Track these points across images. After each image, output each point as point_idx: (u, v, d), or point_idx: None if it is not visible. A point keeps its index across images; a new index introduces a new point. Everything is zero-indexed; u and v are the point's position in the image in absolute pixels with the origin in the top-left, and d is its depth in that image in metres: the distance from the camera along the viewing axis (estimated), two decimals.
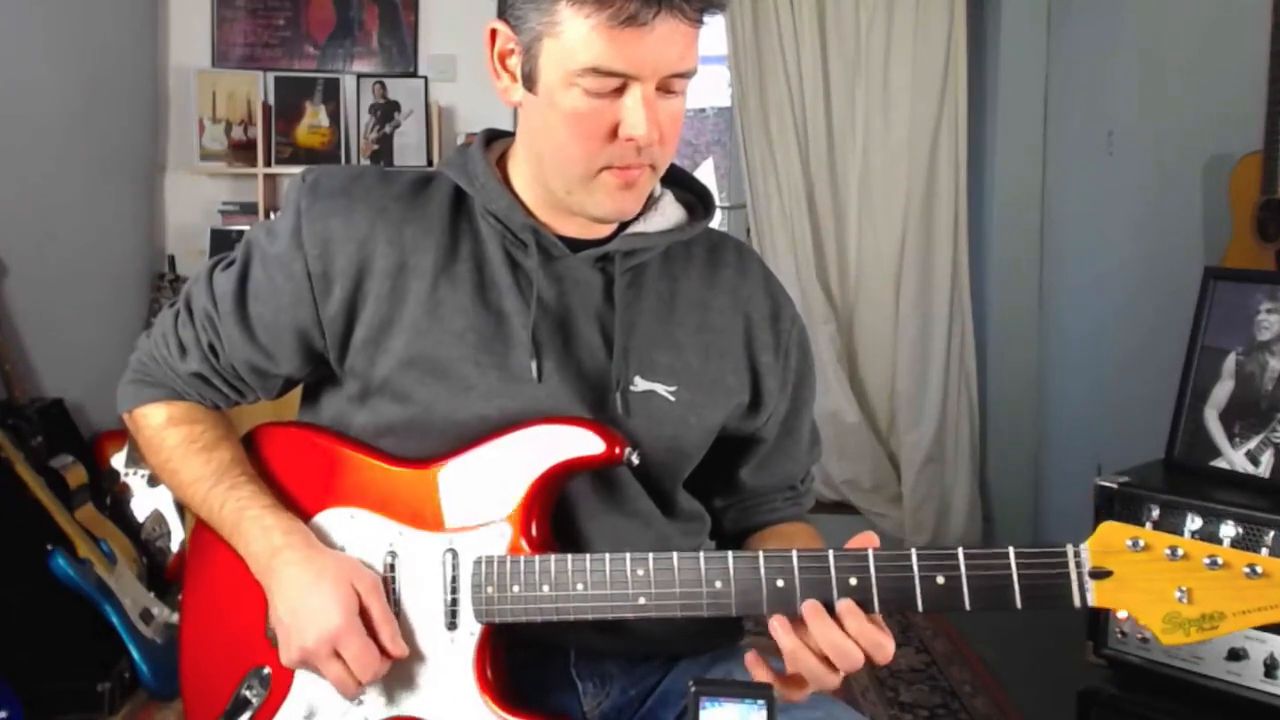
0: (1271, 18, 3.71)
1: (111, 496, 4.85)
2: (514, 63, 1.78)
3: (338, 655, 1.70)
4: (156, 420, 1.96)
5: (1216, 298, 3.02)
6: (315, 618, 1.70)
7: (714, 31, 5.76)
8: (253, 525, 1.81)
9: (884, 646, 1.60)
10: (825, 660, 1.60)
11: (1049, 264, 5.92)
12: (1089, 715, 2.97)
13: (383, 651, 1.72)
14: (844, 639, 1.59)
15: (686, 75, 1.73)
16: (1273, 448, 2.84)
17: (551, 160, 1.78)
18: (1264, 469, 2.84)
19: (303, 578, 1.74)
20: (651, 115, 1.68)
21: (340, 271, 1.81)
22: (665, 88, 1.71)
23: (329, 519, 1.87)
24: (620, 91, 1.68)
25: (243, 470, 1.90)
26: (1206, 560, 1.51)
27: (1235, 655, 2.70)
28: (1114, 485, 2.93)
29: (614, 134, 1.69)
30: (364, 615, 1.72)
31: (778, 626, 1.61)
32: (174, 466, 1.94)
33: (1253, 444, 2.87)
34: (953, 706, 4.42)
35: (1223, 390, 2.96)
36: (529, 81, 1.75)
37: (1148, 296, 4.84)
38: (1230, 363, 2.95)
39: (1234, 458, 2.90)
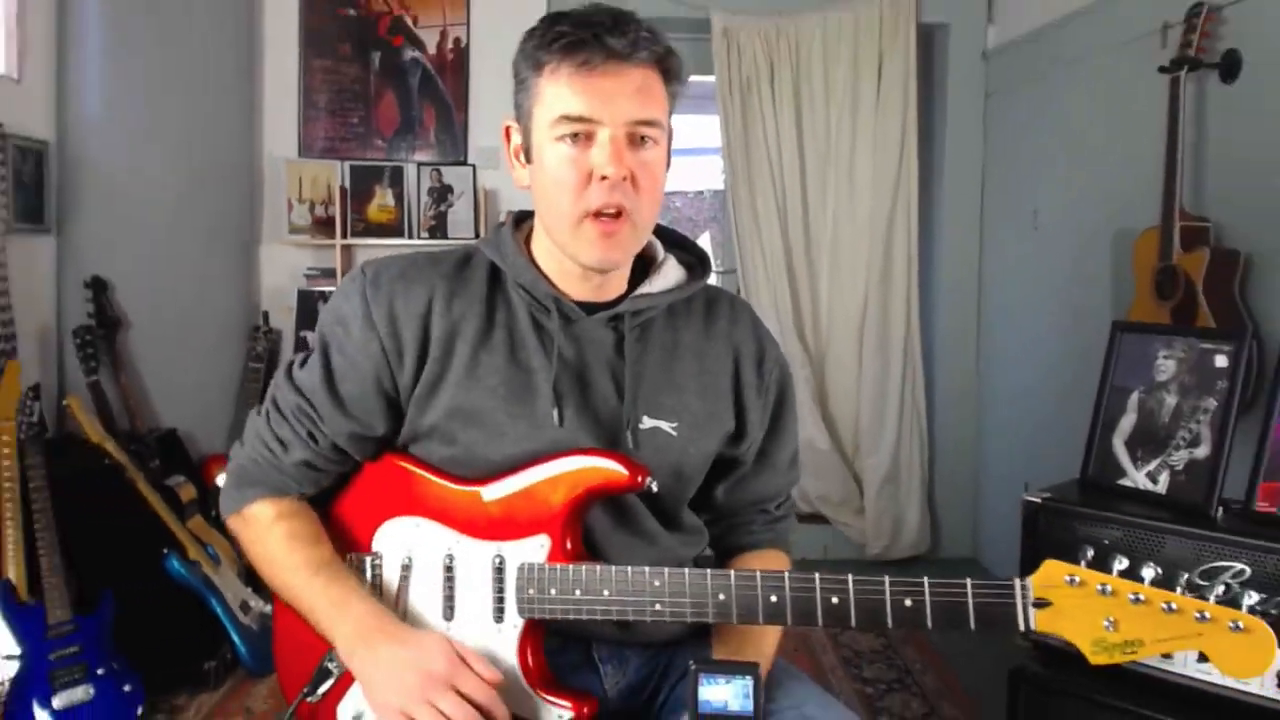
0: (1167, 118, 3.75)
1: (216, 509, 4.86)
2: (518, 143, 1.85)
3: (454, 690, 1.68)
4: (265, 516, 1.92)
5: (1122, 347, 3.04)
6: (430, 665, 1.71)
7: (710, 128, 5.81)
8: (358, 606, 1.79)
9: None
10: None
11: (985, 319, 5.93)
12: (1018, 689, 2.98)
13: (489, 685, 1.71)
14: None
15: (651, 123, 1.75)
16: (1168, 469, 2.85)
17: (548, 215, 1.83)
18: (1161, 486, 2.86)
19: (399, 645, 1.74)
20: (617, 156, 1.71)
21: (407, 343, 1.84)
22: (634, 137, 1.74)
23: (398, 524, 1.90)
24: (591, 140, 1.72)
25: (340, 566, 1.88)
26: (1131, 596, 1.55)
27: None
28: (1038, 500, 2.95)
29: (590, 178, 1.72)
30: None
31: None
32: (280, 557, 1.89)
33: (1152, 466, 2.89)
34: (906, 681, 4.41)
35: (1127, 422, 2.98)
36: (529, 154, 1.82)
37: (1066, 345, 4.86)
38: (1134, 399, 2.97)
39: (1137, 477, 2.92)
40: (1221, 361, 2.82)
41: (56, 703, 3.67)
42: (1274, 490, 2.65)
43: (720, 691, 1.52)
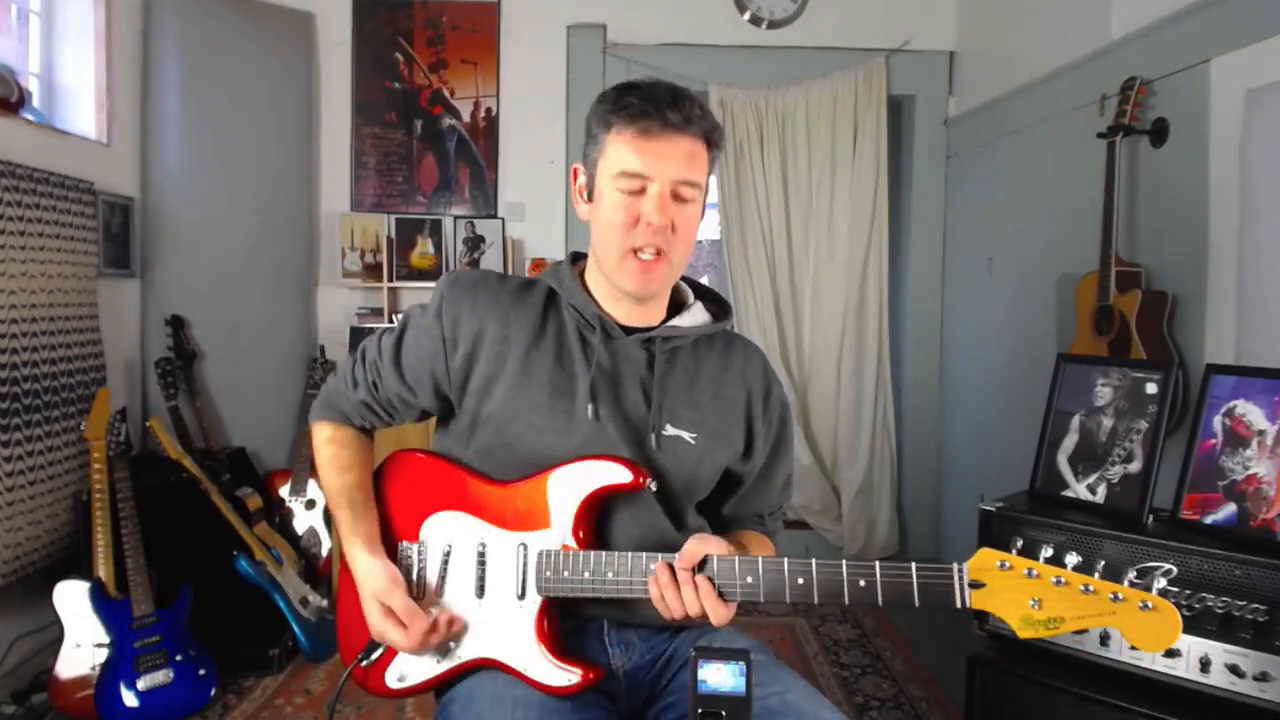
0: (1104, 177, 3.77)
1: (280, 517, 4.88)
2: (583, 183, 1.96)
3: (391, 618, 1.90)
4: (323, 436, 2.13)
5: (1065, 375, 3.06)
6: (369, 616, 1.93)
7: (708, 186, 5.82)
8: (344, 537, 2.03)
9: (716, 612, 1.74)
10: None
11: (946, 352, 5.95)
12: (975, 672, 2.98)
13: (411, 628, 1.88)
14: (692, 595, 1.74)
15: (692, 184, 1.87)
16: (1106, 482, 2.86)
17: (600, 247, 1.94)
18: (1099, 497, 2.87)
19: (359, 585, 1.97)
20: (663, 208, 1.84)
21: (463, 338, 1.96)
22: (677, 195, 1.85)
23: (441, 517, 1.99)
24: (643, 192, 1.84)
25: (351, 495, 2.04)
26: (1053, 580, 1.58)
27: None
28: (992, 509, 2.96)
29: (639, 222, 1.85)
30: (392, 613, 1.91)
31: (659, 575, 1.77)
32: (321, 472, 2.10)
33: (1091, 479, 2.90)
34: (878, 666, 4.41)
35: (1070, 441, 2.99)
36: (591, 194, 1.94)
37: (1017, 374, 4.87)
38: (1076, 421, 2.98)
39: (1078, 489, 2.93)
40: (1152, 389, 2.84)
41: (140, 685, 3.70)
42: (1197, 500, 2.67)
43: (716, 674, 1.54)
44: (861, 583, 1.69)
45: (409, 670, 1.96)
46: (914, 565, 1.67)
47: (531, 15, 5.80)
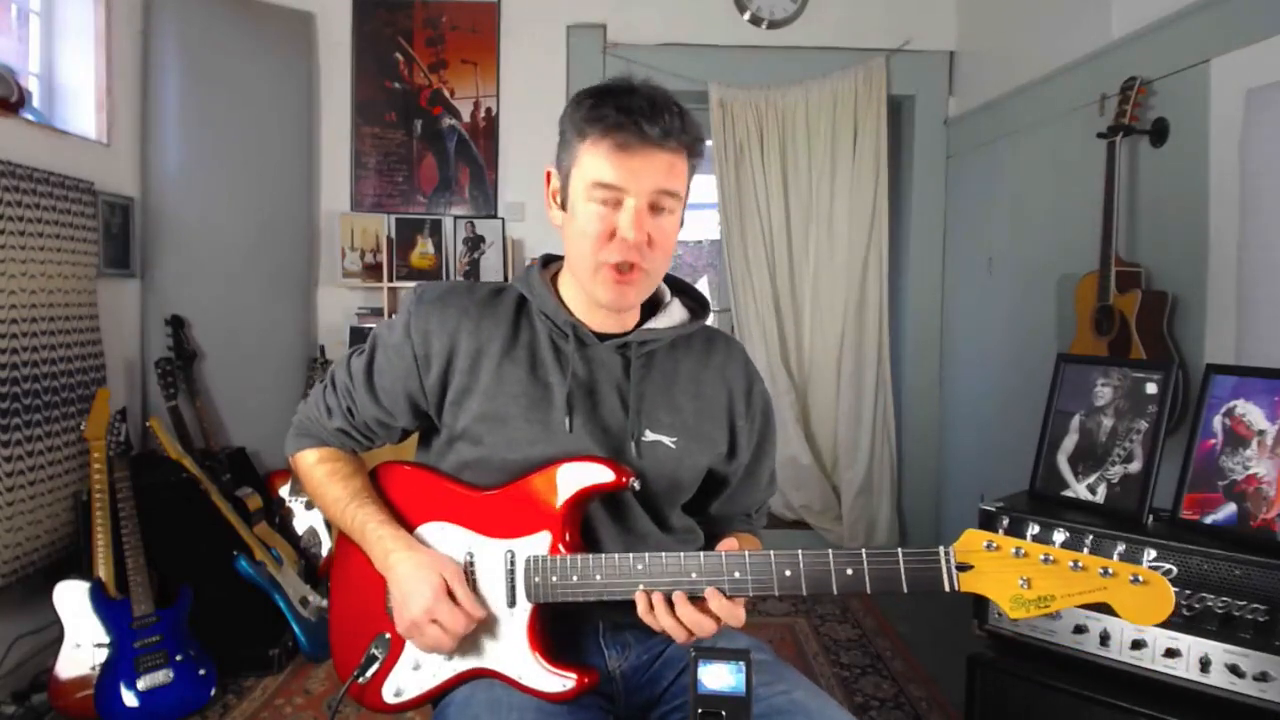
0: (1105, 177, 3.77)
1: (279, 517, 4.87)
2: (556, 187, 1.91)
3: (435, 622, 1.80)
4: (310, 460, 2.09)
5: (1065, 375, 3.05)
6: (417, 598, 1.82)
7: (708, 185, 5.82)
8: (372, 533, 1.93)
9: (702, 625, 1.74)
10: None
11: (946, 352, 5.95)
12: (975, 673, 2.98)
13: (466, 615, 1.81)
14: (674, 623, 1.74)
15: (671, 194, 1.81)
16: (1106, 482, 2.86)
17: (574, 257, 1.89)
18: (1099, 497, 2.86)
19: (407, 571, 1.85)
20: (639, 222, 1.79)
21: (436, 354, 1.94)
22: (655, 205, 1.81)
23: (428, 529, 1.96)
24: (619, 205, 1.79)
25: (368, 495, 2.01)
26: (1042, 557, 1.58)
27: (1078, 629, 2.72)
28: (993, 509, 2.95)
29: (613, 235, 1.80)
30: (450, 594, 1.83)
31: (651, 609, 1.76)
32: (322, 490, 2.05)
33: (1091, 479, 2.90)
34: (878, 666, 4.41)
35: (1070, 441, 2.98)
36: (564, 203, 1.88)
37: (1017, 374, 4.87)
38: (1075, 421, 2.98)
39: (1078, 489, 2.92)
40: (1152, 389, 2.84)
41: (140, 685, 3.70)
42: (1197, 500, 2.66)
43: (716, 674, 1.54)
44: (849, 571, 1.68)
45: (405, 685, 1.95)
46: (900, 551, 1.66)
47: (531, 15, 5.80)
